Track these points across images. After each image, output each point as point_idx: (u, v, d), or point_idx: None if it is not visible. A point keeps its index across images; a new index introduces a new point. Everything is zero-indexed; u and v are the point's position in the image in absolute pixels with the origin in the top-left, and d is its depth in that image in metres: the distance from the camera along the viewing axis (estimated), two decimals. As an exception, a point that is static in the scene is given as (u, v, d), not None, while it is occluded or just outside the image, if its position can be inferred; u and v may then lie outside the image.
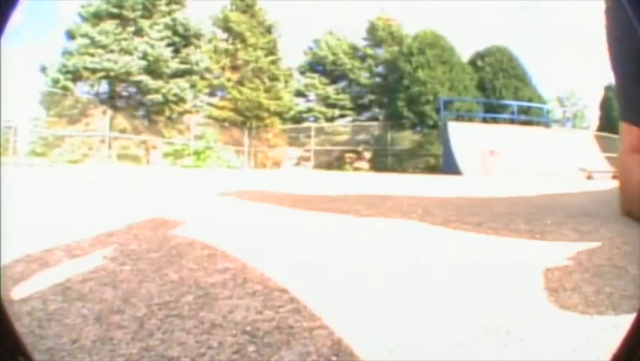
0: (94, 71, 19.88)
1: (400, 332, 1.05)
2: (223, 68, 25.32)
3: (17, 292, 1.31)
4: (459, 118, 22.02)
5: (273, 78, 26.34)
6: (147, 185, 8.07)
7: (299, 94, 28.40)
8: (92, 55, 19.93)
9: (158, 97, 21.25)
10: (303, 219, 3.27)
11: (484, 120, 22.46)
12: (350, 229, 2.83)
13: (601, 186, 7.60)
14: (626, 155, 2.71)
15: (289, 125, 27.14)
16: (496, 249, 2.03)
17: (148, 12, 21.85)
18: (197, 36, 24.12)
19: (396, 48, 26.72)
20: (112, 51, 20.32)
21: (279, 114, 26.58)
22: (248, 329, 1.06)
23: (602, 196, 5.34)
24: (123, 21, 21.07)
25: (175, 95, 21.82)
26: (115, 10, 20.82)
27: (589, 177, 14.92)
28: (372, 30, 28.35)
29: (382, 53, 27.81)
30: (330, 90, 27.78)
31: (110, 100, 20.90)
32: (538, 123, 23.42)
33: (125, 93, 21.86)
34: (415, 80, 23.12)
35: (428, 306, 1.24)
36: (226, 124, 24.96)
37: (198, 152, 22.44)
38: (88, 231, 2.34)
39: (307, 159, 25.98)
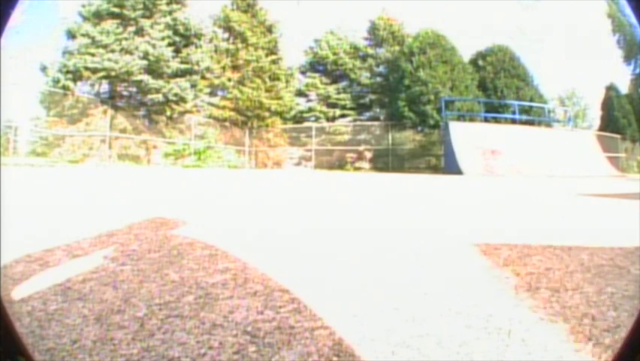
0: (94, 70, 19.85)
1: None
2: (224, 68, 25.29)
3: (17, 292, 1.31)
4: (460, 118, 22.00)
5: (274, 78, 26.31)
6: (148, 185, 8.07)
7: (300, 94, 28.38)
8: (92, 54, 19.91)
9: (159, 97, 21.23)
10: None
11: (486, 120, 22.43)
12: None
13: None
14: None
15: (290, 125, 27.13)
16: None
17: (149, 11, 21.83)
18: (198, 36, 24.10)
19: (397, 48, 26.69)
20: (113, 51, 20.30)
21: (280, 114, 26.55)
22: (249, 329, 1.06)
23: None
24: (124, 20, 21.05)
25: (176, 94, 21.80)
26: (116, 10, 20.80)
27: None
28: (373, 30, 28.32)
29: (383, 52, 27.77)
30: (331, 90, 27.75)
31: (111, 100, 20.88)
32: (539, 123, 23.40)
33: (125, 93, 21.83)
34: (416, 79, 23.09)
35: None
36: (227, 124, 24.96)
37: (199, 152, 22.44)
38: (88, 231, 2.34)
39: (308, 159, 25.97)
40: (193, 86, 23.10)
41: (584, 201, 5.52)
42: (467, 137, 18.58)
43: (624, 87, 28.23)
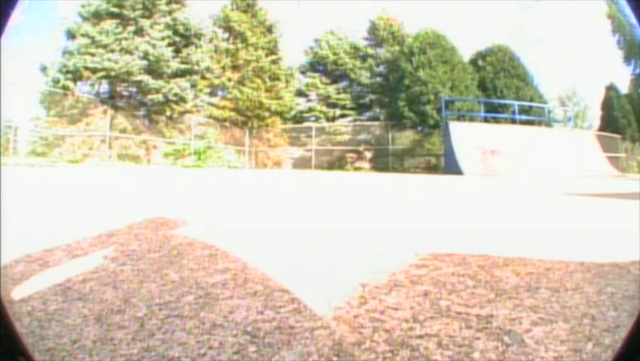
0: (94, 70, 19.85)
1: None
2: (224, 68, 25.28)
3: (17, 292, 1.31)
4: (460, 118, 21.99)
5: (274, 78, 26.30)
6: (148, 185, 8.07)
7: (300, 94, 28.36)
8: (92, 54, 19.90)
9: (159, 97, 21.23)
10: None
11: (486, 120, 22.41)
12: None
13: None
14: None
15: (290, 125, 27.12)
16: None
17: (148, 11, 21.83)
18: (198, 36, 24.09)
19: (397, 48, 26.68)
20: (112, 51, 20.30)
21: (280, 114, 26.55)
22: (249, 329, 1.06)
23: None
24: (123, 20, 21.04)
25: (176, 94, 21.80)
26: (115, 10, 20.79)
27: None
28: (373, 30, 28.30)
29: (383, 52, 27.76)
30: (331, 90, 27.74)
31: (111, 100, 20.87)
32: (539, 123, 23.39)
33: (125, 93, 21.83)
34: (416, 79, 23.08)
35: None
36: (227, 124, 24.96)
37: (199, 152, 22.44)
38: (88, 231, 2.34)
39: (308, 159, 25.97)
40: (193, 86, 23.09)
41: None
42: (467, 137, 18.57)
43: (624, 87, 28.25)
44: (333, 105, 27.59)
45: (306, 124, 27.34)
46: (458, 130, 19.19)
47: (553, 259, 1.85)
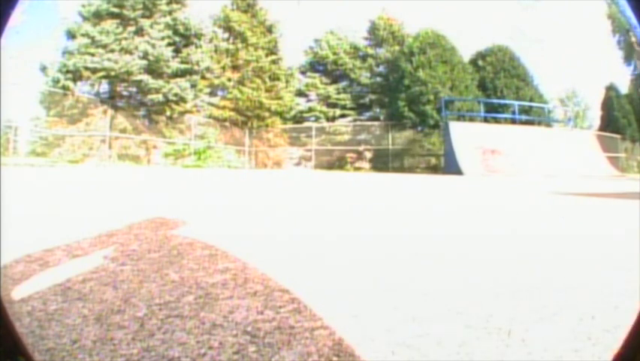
0: (94, 70, 19.86)
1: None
2: (224, 68, 25.28)
3: (17, 292, 1.31)
4: (460, 118, 22.00)
5: (274, 78, 26.29)
6: (148, 185, 8.07)
7: (300, 94, 28.37)
8: (92, 54, 19.91)
9: (159, 97, 21.24)
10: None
11: (486, 120, 22.42)
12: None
13: None
14: None
15: (290, 125, 27.13)
16: None
17: (149, 11, 21.83)
18: (198, 36, 24.10)
19: (397, 48, 26.69)
20: (112, 51, 20.31)
21: (280, 114, 26.55)
22: (249, 329, 1.06)
23: None
24: (124, 20, 21.05)
25: (176, 94, 21.80)
26: (115, 10, 20.80)
27: None
28: (373, 30, 28.31)
29: (383, 52, 27.77)
30: (331, 90, 27.74)
31: (111, 100, 20.88)
32: (539, 123, 23.40)
33: (125, 93, 21.83)
34: (416, 79, 23.09)
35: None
36: (227, 124, 24.95)
37: (199, 152, 22.44)
38: (88, 231, 2.34)
39: (308, 159, 25.97)
40: (193, 86, 23.09)
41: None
42: (467, 137, 18.58)
43: (624, 87, 28.27)
44: (333, 105, 27.60)
45: (306, 124, 27.35)
46: (458, 130, 19.20)
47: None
